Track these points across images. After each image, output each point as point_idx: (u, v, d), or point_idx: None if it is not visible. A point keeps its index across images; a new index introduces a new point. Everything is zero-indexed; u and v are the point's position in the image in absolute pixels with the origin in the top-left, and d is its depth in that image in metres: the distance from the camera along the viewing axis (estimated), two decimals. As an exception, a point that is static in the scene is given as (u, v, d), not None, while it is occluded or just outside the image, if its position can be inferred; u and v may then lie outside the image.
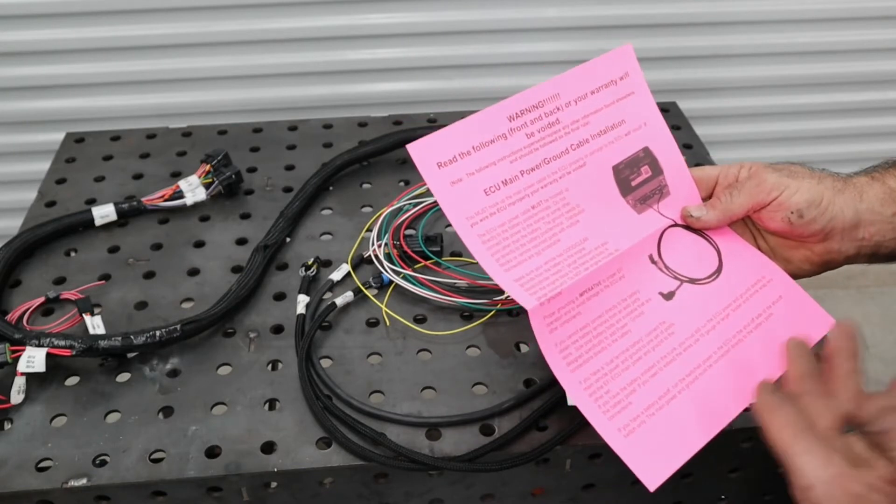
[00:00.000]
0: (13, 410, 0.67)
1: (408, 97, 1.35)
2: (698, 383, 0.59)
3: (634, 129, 0.67)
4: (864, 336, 0.56)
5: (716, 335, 0.61)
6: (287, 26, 1.26)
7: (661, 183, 0.67)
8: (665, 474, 0.54)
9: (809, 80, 1.43)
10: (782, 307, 0.63)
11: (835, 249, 0.62)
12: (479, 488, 0.67)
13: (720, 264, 0.65)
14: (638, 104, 0.67)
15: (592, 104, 0.65)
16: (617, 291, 0.61)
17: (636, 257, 0.64)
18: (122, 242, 0.84)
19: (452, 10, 1.28)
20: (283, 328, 0.74)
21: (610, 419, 0.56)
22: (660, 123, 0.67)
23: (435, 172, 0.59)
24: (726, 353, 0.60)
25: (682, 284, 0.63)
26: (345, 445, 0.63)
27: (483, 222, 0.60)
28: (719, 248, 0.65)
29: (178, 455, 0.63)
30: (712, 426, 0.57)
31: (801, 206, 0.60)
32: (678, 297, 0.63)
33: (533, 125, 0.63)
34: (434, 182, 0.59)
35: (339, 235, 0.85)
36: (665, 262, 0.64)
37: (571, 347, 0.58)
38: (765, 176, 0.62)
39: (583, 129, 0.65)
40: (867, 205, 0.61)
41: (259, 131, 1.02)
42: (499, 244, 0.60)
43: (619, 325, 0.60)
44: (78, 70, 1.27)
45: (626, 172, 0.66)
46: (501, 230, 0.60)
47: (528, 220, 0.61)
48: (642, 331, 0.60)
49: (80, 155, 0.98)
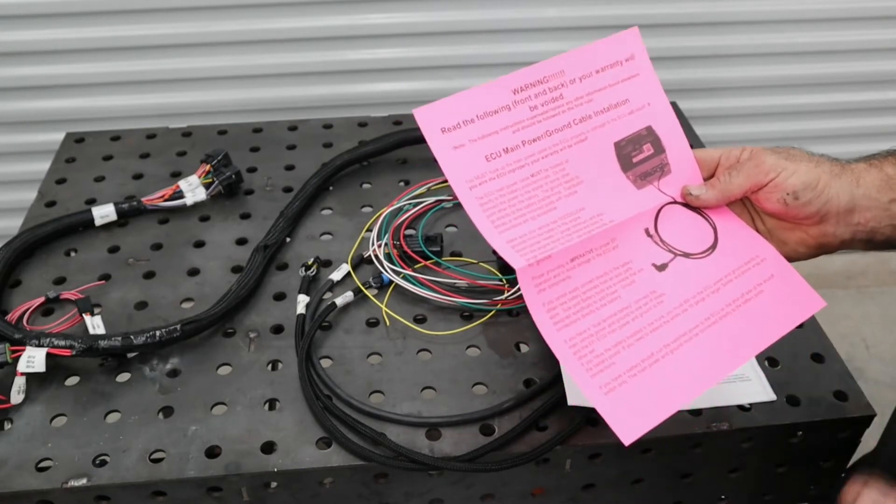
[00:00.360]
0: (13, 410, 0.67)
1: (408, 97, 1.35)
2: (682, 350, 0.59)
3: (638, 109, 0.67)
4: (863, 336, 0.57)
5: (704, 307, 0.62)
6: (287, 26, 1.26)
7: (662, 161, 0.67)
8: (640, 431, 0.55)
9: (809, 80, 1.43)
10: (773, 285, 0.64)
11: (830, 233, 0.62)
12: (479, 488, 0.67)
13: (715, 241, 0.66)
14: (642, 85, 0.68)
15: (597, 83, 0.66)
16: (609, 260, 0.63)
17: (632, 229, 0.65)
18: (122, 242, 0.84)
19: (452, 10, 1.28)
20: (283, 328, 0.74)
21: (592, 377, 0.57)
22: (664, 104, 0.68)
23: (438, 137, 0.61)
24: (713, 324, 0.61)
25: (675, 257, 0.64)
26: (345, 445, 0.63)
27: (482, 186, 0.61)
28: (716, 226, 0.66)
29: (178, 455, 0.63)
30: (692, 391, 0.58)
31: (797, 188, 0.61)
32: (671, 270, 0.63)
33: (536, 99, 0.64)
34: (437, 146, 0.61)
35: (339, 235, 0.85)
36: (661, 236, 0.65)
37: (559, 308, 0.59)
38: (763, 158, 0.62)
39: (586, 105, 0.66)
40: (864, 190, 0.61)
41: (259, 131, 1.02)
42: (495, 207, 0.61)
43: (608, 291, 0.61)
44: (78, 70, 1.27)
45: (629, 149, 0.66)
46: (499, 194, 0.62)
47: (526, 188, 0.63)
48: (631, 298, 0.61)
49: (80, 155, 0.98)
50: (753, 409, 0.67)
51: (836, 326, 1.58)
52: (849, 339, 1.62)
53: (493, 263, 0.80)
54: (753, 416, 0.66)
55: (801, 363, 0.71)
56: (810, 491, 0.73)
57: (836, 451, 0.70)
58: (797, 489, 0.73)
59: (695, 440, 0.66)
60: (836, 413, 0.67)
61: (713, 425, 0.65)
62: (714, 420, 0.65)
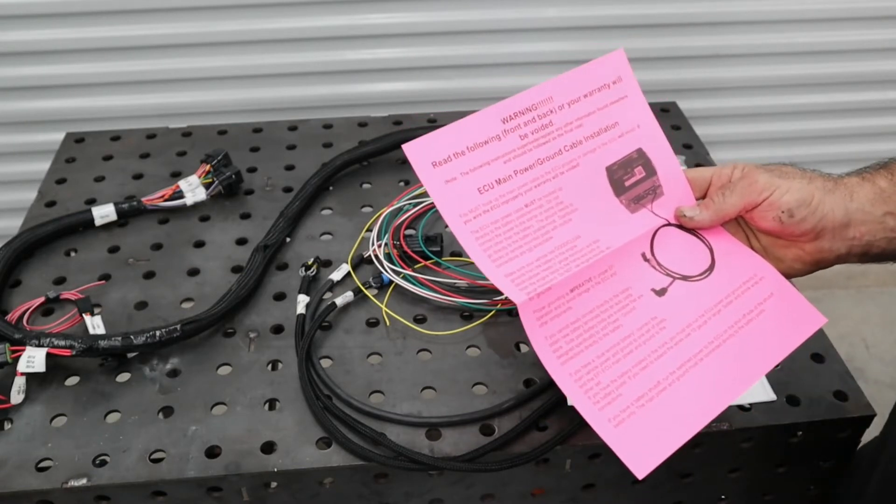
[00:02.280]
0: (13, 410, 0.67)
1: (408, 97, 1.35)
2: (689, 376, 0.59)
3: (628, 132, 0.67)
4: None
5: (707, 330, 0.62)
6: (287, 26, 1.26)
7: (654, 183, 0.67)
8: (654, 463, 0.55)
9: (809, 80, 1.43)
10: (773, 304, 0.64)
11: (826, 248, 0.62)
12: (479, 488, 0.67)
13: (712, 262, 0.65)
14: (631, 107, 0.67)
15: (585, 107, 0.66)
16: (608, 288, 0.62)
17: (629, 255, 0.64)
18: (122, 242, 0.84)
19: (452, 10, 1.28)
20: (283, 328, 0.74)
21: (600, 409, 0.56)
22: (653, 126, 0.68)
23: (430, 171, 0.60)
24: (716, 348, 0.61)
25: (674, 281, 0.64)
26: (345, 445, 0.63)
27: (476, 219, 0.61)
28: (712, 246, 0.66)
29: (178, 455, 0.63)
30: (702, 417, 0.58)
31: (792, 206, 0.61)
32: (670, 294, 0.63)
33: (526, 127, 0.63)
34: (429, 181, 0.60)
35: (339, 235, 0.85)
36: (658, 260, 0.65)
37: (562, 341, 0.59)
38: (756, 176, 0.62)
39: (576, 130, 0.65)
40: (857, 205, 0.61)
41: (259, 131, 1.02)
42: (491, 241, 0.60)
43: (610, 319, 0.61)
44: (78, 70, 1.27)
45: (620, 173, 0.66)
46: (494, 227, 0.61)
47: (520, 218, 0.62)
48: (633, 325, 0.61)
49: (80, 155, 0.98)
50: (753, 409, 0.67)
51: (836, 326, 1.57)
52: (849, 339, 1.62)
53: (493, 263, 0.80)
54: (753, 416, 0.66)
55: (801, 363, 0.71)
56: (810, 491, 0.73)
57: (835, 451, 0.70)
58: (797, 489, 0.73)
59: (695, 440, 0.65)
60: (836, 413, 0.67)
61: (713, 425, 0.65)
62: (714, 420, 0.65)
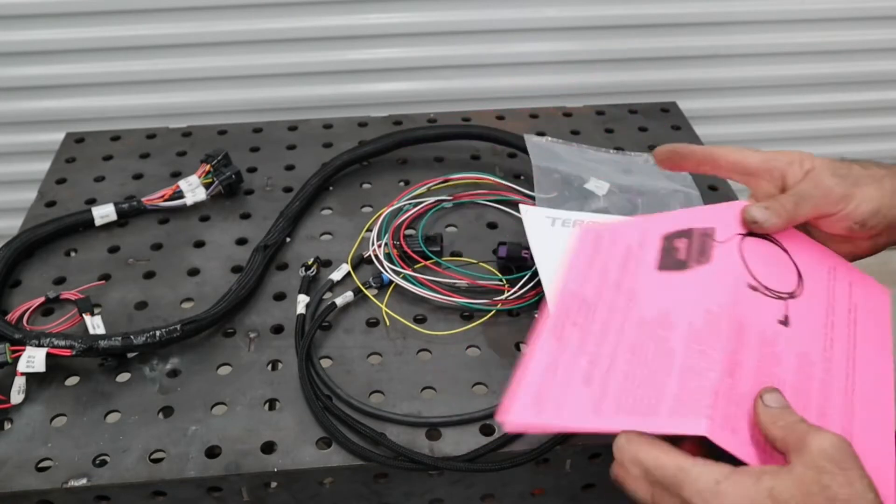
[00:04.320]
0: (13, 410, 0.67)
1: (408, 97, 1.34)
2: (859, 417, 0.52)
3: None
4: None
5: (839, 350, 0.55)
6: (287, 26, 1.26)
7: (699, 233, 0.61)
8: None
9: (809, 80, 1.43)
10: (857, 293, 0.60)
11: (881, 243, 0.63)
12: (479, 488, 0.67)
13: (795, 266, 0.60)
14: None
15: None
16: (752, 346, 0.53)
17: (735, 288, 0.56)
18: (122, 242, 0.84)
19: (452, 10, 1.28)
20: (283, 328, 0.74)
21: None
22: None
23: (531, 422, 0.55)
24: (853, 367, 0.55)
25: (787, 303, 0.57)
26: (345, 445, 0.63)
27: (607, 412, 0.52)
28: (785, 247, 0.60)
29: (178, 455, 0.63)
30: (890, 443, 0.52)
31: (866, 217, 0.59)
32: (792, 319, 0.56)
33: (577, 314, 0.59)
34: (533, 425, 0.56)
35: (339, 235, 0.85)
36: (762, 283, 0.57)
37: (754, 444, 0.49)
38: (828, 184, 0.59)
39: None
40: None
41: (259, 131, 1.02)
42: (625, 400, 0.52)
43: (770, 380, 0.51)
44: (78, 70, 1.27)
45: (670, 248, 0.61)
46: (623, 393, 0.52)
47: (630, 381, 0.53)
48: (789, 376, 0.52)
49: (80, 155, 0.98)
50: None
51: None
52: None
53: (493, 263, 0.80)
54: (753, 416, 0.66)
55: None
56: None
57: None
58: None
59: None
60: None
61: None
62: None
